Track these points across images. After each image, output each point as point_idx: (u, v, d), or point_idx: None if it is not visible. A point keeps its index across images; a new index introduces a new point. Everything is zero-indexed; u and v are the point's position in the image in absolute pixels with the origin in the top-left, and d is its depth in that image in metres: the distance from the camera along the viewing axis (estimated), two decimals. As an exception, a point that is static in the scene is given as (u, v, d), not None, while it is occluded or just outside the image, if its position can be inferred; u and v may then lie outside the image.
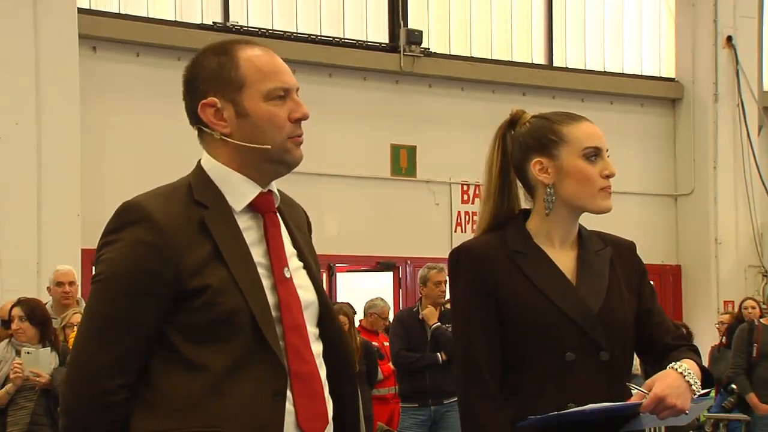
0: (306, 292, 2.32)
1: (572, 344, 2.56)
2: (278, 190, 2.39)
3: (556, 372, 2.55)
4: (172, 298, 2.19)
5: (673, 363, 2.50)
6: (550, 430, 2.50)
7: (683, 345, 2.63)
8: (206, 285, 2.19)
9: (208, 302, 2.19)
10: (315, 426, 2.26)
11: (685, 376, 2.47)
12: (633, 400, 2.48)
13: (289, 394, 2.22)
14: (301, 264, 2.35)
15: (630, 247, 2.75)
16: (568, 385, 2.53)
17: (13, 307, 6.37)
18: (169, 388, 2.19)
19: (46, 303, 6.92)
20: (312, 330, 2.32)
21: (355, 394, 2.43)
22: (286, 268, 2.29)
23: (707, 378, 2.58)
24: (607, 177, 2.62)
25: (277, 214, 2.35)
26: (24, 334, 6.28)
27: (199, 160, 2.35)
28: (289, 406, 2.22)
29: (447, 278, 7.56)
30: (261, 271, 2.26)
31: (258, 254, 2.27)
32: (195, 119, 2.34)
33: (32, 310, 6.35)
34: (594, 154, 2.63)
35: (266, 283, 2.25)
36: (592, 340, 2.57)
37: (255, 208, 2.31)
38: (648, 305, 2.68)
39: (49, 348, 6.26)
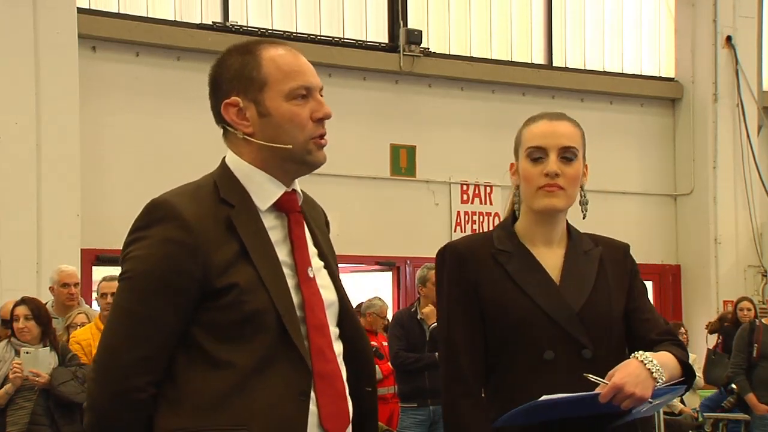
0: (327, 292, 2.34)
1: (551, 342, 2.57)
2: (301, 189, 2.41)
3: (536, 371, 2.56)
4: (199, 296, 2.20)
5: (636, 353, 2.49)
6: (535, 428, 2.51)
7: (666, 339, 2.62)
8: (233, 283, 2.20)
9: (235, 301, 2.19)
10: (337, 425, 2.27)
11: (646, 365, 2.45)
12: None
13: (312, 394, 2.23)
14: (322, 264, 2.37)
15: (622, 248, 2.75)
16: (548, 384, 2.52)
17: (16, 306, 6.36)
18: (193, 387, 2.20)
19: (46, 303, 6.92)
20: (333, 329, 2.33)
21: (374, 394, 2.42)
22: (309, 268, 2.30)
23: (687, 371, 2.58)
24: (548, 176, 2.61)
25: (301, 213, 2.36)
26: (29, 332, 6.28)
27: (224, 158, 2.37)
28: (312, 406, 2.23)
29: None
30: (285, 270, 2.27)
31: (282, 253, 2.29)
32: (219, 118, 2.37)
33: (37, 309, 6.36)
34: (537, 154, 2.63)
35: (291, 282, 2.27)
36: (572, 338, 2.57)
37: (280, 207, 2.32)
38: (636, 303, 2.69)
39: (48, 348, 6.26)
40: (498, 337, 2.61)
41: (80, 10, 9.65)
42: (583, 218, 2.69)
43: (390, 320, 8.78)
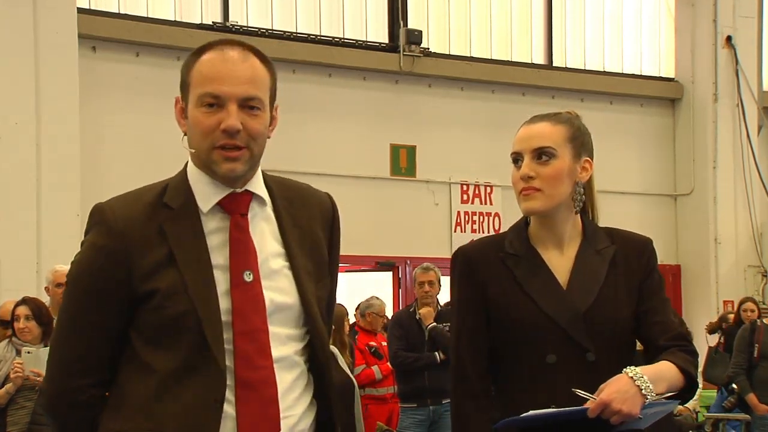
0: (281, 295, 2.28)
1: (554, 346, 2.57)
2: (294, 185, 2.41)
3: (539, 374, 2.57)
4: (127, 300, 2.23)
5: (628, 368, 2.47)
6: (535, 430, 2.52)
7: (676, 346, 2.59)
8: (156, 288, 2.21)
9: (157, 306, 2.21)
10: None
11: (635, 381, 2.44)
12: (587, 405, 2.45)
13: (232, 399, 2.21)
14: (286, 264, 2.31)
15: (641, 243, 2.71)
16: (550, 387, 2.53)
17: (17, 306, 6.35)
18: (127, 389, 2.25)
19: (44, 303, 6.91)
20: (285, 332, 2.28)
21: (335, 399, 2.38)
22: (247, 272, 2.25)
23: (690, 383, 2.55)
24: (523, 179, 2.62)
25: (247, 215, 2.29)
26: (30, 332, 6.27)
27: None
28: (231, 412, 2.20)
29: (435, 278, 7.57)
30: (219, 274, 2.24)
31: (220, 257, 2.25)
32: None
33: (38, 309, 6.35)
34: (515, 159, 2.66)
35: (222, 287, 2.23)
36: (575, 341, 2.57)
37: (224, 209, 2.28)
38: (647, 305, 2.65)
39: (49, 348, 6.25)
40: (502, 339, 2.62)
41: (80, 10, 9.65)
42: (576, 213, 2.67)
43: (389, 320, 8.79)
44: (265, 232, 2.31)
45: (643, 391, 2.43)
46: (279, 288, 2.28)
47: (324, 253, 2.40)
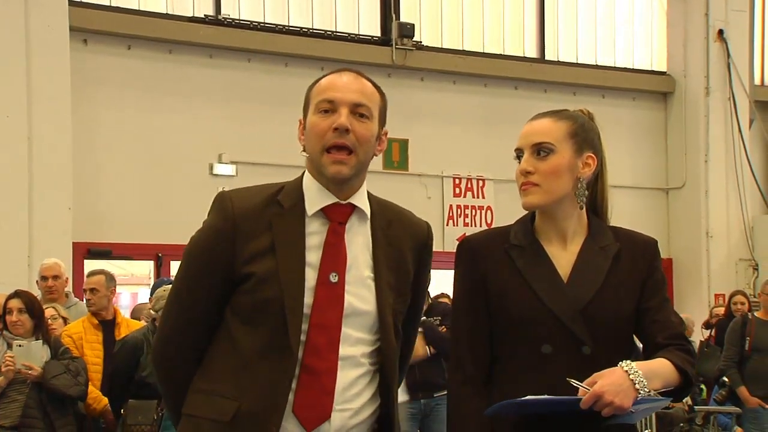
0: (360, 301, 2.54)
1: (551, 337, 2.58)
2: (397, 210, 2.70)
3: (534, 364, 2.59)
4: (228, 279, 2.51)
5: (623, 362, 2.48)
6: (533, 424, 2.54)
7: (673, 344, 2.60)
8: (253, 272, 2.49)
9: (251, 288, 2.49)
10: (310, 415, 2.48)
11: (629, 375, 2.45)
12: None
13: (294, 383, 2.47)
14: (371, 276, 2.57)
15: (646, 244, 2.74)
16: (544, 378, 2.55)
17: (10, 299, 6.34)
18: (217, 358, 2.54)
19: (36, 296, 6.90)
20: (357, 334, 2.53)
21: (393, 401, 2.61)
22: (333, 274, 2.51)
23: (686, 381, 2.55)
24: (522, 174, 2.65)
25: (345, 225, 2.57)
26: (22, 326, 6.27)
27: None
28: (290, 395, 2.47)
29: None
30: (309, 271, 2.51)
31: (314, 256, 2.52)
32: None
33: (31, 302, 6.35)
34: (517, 155, 2.70)
35: (310, 282, 2.50)
36: (572, 333, 2.58)
37: (327, 215, 2.56)
38: (649, 303, 2.66)
39: (41, 341, 6.25)
40: (501, 329, 2.65)
41: (71, 3, 9.62)
42: (580, 209, 2.69)
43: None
44: (359, 243, 2.59)
45: (636, 386, 2.44)
46: (360, 295, 2.55)
47: (409, 272, 2.65)
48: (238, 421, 2.46)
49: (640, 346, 2.73)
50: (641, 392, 2.44)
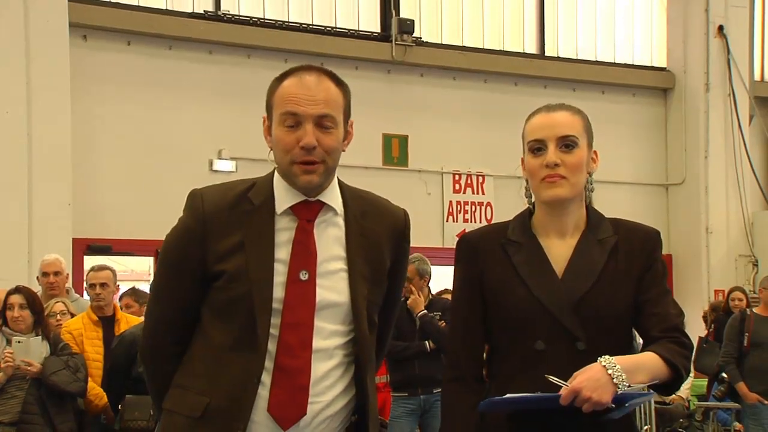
0: (332, 294, 2.56)
1: (544, 333, 2.58)
2: (373, 199, 2.73)
3: (528, 360, 2.58)
4: (202, 277, 2.56)
5: (602, 357, 2.47)
6: (528, 418, 2.54)
7: (667, 338, 2.58)
8: (225, 270, 2.53)
9: (223, 285, 2.53)
10: (285, 414, 2.50)
11: (608, 370, 2.43)
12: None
13: (268, 382, 2.50)
14: (344, 268, 2.58)
15: (646, 234, 2.71)
16: (537, 374, 2.53)
17: (11, 294, 6.34)
18: (195, 354, 2.59)
19: (36, 292, 6.90)
20: (330, 327, 2.55)
21: (369, 390, 2.65)
22: (303, 272, 2.53)
23: (677, 375, 2.54)
24: (548, 167, 2.62)
25: (314, 222, 2.58)
26: (23, 321, 6.26)
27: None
28: (264, 392, 2.50)
29: (412, 272, 7.51)
30: (279, 267, 2.53)
31: (284, 252, 2.54)
32: None
33: (32, 298, 6.35)
34: (537, 147, 2.65)
35: (279, 279, 2.53)
36: (566, 329, 2.57)
37: (295, 213, 2.58)
38: (646, 295, 2.63)
39: (40, 337, 6.25)
40: (497, 325, 2.65)
41: (71, -1, 9.62)
42: (588, 204, 2.69)
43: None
44: (330, 237, 2.60)
45: (614, 380, 2.43)
46: (333, 287, 2.56)
47: (384, 261, 2.66)
48: (207, 418, 2.50)
49: (641, 340, 2.72)
50: (620, 387, 2.43)
